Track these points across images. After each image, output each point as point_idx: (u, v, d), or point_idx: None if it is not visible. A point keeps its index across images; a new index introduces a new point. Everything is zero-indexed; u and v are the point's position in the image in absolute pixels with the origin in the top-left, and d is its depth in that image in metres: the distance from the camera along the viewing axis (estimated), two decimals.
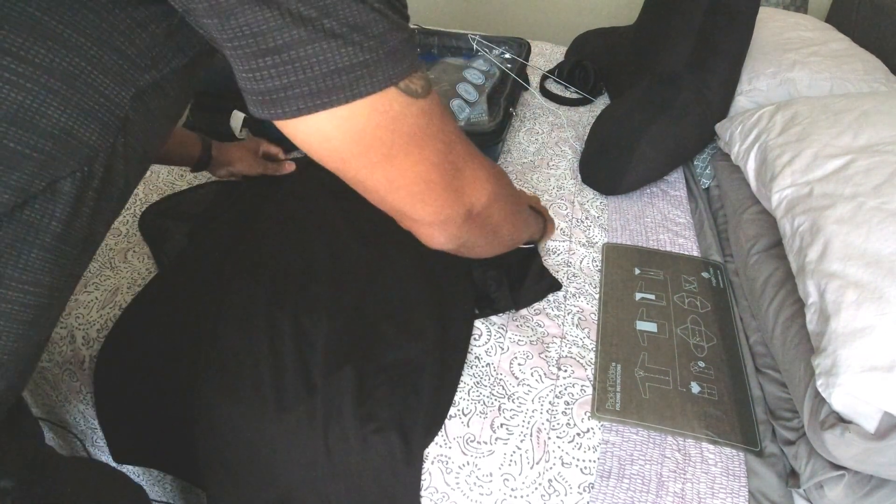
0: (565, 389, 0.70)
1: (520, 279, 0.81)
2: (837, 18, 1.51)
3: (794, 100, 0.97)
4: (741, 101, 1.12)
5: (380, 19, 0.33)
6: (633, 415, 0.67)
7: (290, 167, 0.98)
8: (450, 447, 0.64)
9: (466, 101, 1.11)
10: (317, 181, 0.97)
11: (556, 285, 0.83)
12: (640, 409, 0.68)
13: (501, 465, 0.63)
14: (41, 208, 0.35)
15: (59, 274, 0.38)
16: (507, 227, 0.56)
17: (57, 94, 0.33)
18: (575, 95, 1.38)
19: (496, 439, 0.65)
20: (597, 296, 0.83)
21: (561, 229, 0.96)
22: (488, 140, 1.00)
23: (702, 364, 0.74)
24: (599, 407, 0.68)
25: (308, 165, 1.02)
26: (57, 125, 0.33)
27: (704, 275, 0.88)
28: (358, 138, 0.36)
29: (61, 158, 0.34)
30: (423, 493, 0.63)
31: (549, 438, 0.65)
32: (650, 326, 0.78)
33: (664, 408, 0.68)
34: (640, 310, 0.81)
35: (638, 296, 0.83)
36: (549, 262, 0.88)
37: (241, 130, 1.04)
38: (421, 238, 0.46)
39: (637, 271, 0.87)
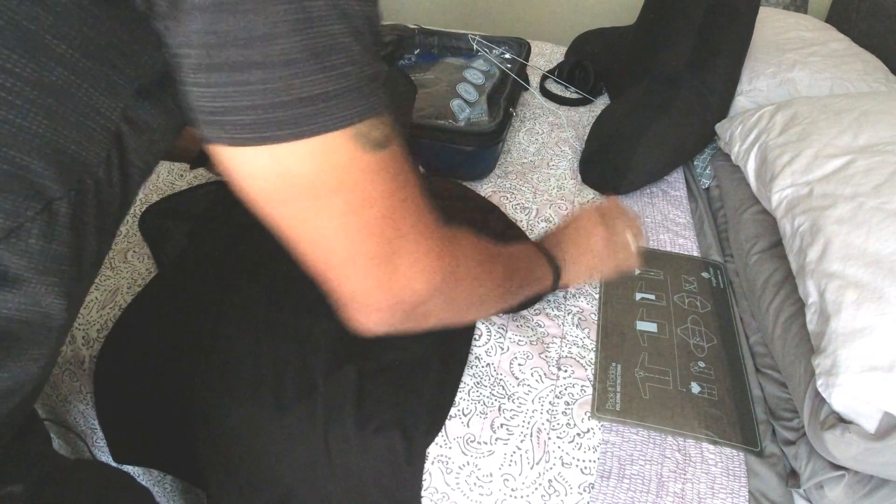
0: (565, 390, 0.70)
1: None
2: (837, 18, 1.51)
3: (794, 100, 0.98)
4: (741, 101, 1.12)
5: (352, 45, 0.29)
6: (633, 415, 0.67)
7: None
8: (450, 447, 0.64)
9: (466, 101, 1.11)
10: None
11: None
12: (641, 409, 0.68)
13: (501, 465, 0.63)
14: (39, 232, 0.33)
15: (66, 294, 0.36)
16: (468, 313, 0.49)
17: (47, 109, 0.31)
18: (575, 95, 1.38)
19: (496, 439, 0.65)
20: (597, 296, 0.83)
21: None
22: (488, 140, 1.00)
23: (702, 364, 0.74)
24: (600, 407, 0.68)
25: None
26: (48, 142, 0.31)
27: (704, 275, 0.88)
28: (290, 182, 0.31)
29: (54, 177, 0.32)
30: (423, 493, 0.63)
31: (550, 439, 0.65)
32: (650, 326, 0.78)
33: (664, 408, 0.68)
34: (640, 310, 0.81)
35: (638, 296, 0.83)
36: None
37: None
38: (340, 315, 0.38)
39: (637, 271, 0.87)
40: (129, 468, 0.78)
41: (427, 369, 0.69)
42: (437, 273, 0.39)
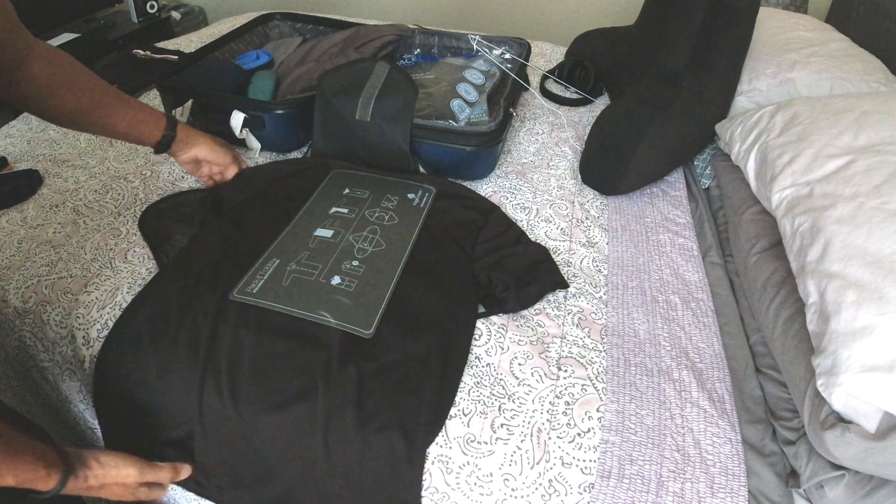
0: (565, 389, 0.70)
1: (528, 279, 0.81)
2: (837, 18, 1.51)
3: (794, 100, 0.98)
4: (741, 101, 1.12)
5: None
6: (266, 297, 0.74)
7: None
8: (450, 447, 0.64)
9: (466, 101, 1.11)
10: (316, 183, 0.97)
11: (562, 283, 0.83)
12: (275, 293, 0.75)
13: (502, 465, 0.63)
14: None
15: None
16: None
17: None
18: (575, 95, 1.38)
19: (496, 439, 0.65)
20: (598, 296, 0.83)
21: (561, 229, 0.96)
22: (488, 140, 1.00)
23: (355, 263, 0.81)
24: (241, 290, 0.75)
25: (308, 169, 1.02)
26: None
27: (410, 195, 0.95)
28: None
29: None
30: (423, 493, 0.63)
31: (550, 438, 0.65)
32: (326, 233, 0.86)
33: (296, 294, 0.75)
34: (326, 220, 0.89)
35: (332, 209, 0.91)
36: None
37: (241, 130, 1.04)
38: None
39: (346, 191, 0.95)
40: None
41: (427, 369, 0.69)
42: None
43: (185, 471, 0.65)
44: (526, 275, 0.82)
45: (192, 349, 0.69)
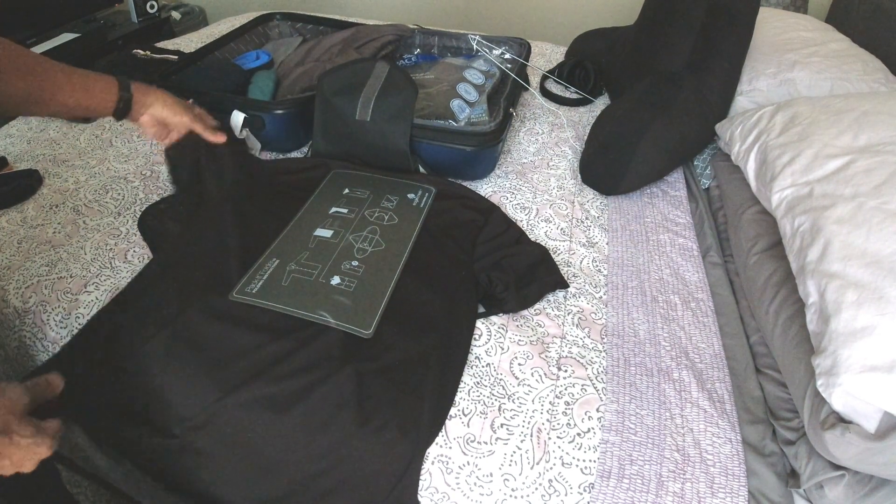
0: (565, 389, 0.70)
1: (528, 279, 0.81)
2: (837, 18, 1.51)
3: (795, 100, 0.98)
4: (741, 101, 1.12)
5: None
6: (266, 297, 0.74)
7: (220, 138, 0.85)
8: (450, 447, 0.64)
9: (466, 101, 1.11)
10: (315, 183, 0.97)
11: (562, 283, 0.83)
12: (275, 293, 0.74)
13: (502, 465, 0.63)
14: None
15: None
16: None
17: None
18: (575, 96, 1.38)
19: (496, 439, 0.65)
20: (598, 296, 0.83)
21: (561, 229, 0.96)
22: (488, 140, 1.00)
23: (355, 263, 0.81)
24: (240, 290, 0.74)
25: (308, 169, 1.02)
26: None
27: (410, 195, 0.94)
28: None
29: None
30: (423, 493, 0.63)
31: (550, 438, 0.65)
32: (326, 233, 0.86)
33: (296, 293, 0.75)
34: (326, 220, 0.88)
35: (332, 209, 0.91)
36: None
37: (241, 130, 1.04)
38: None
39: (346, 191, 0.95)
40: None
41: (427, 369, 0.68)
42: None
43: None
44: (526, 275, 0.82)
45: (193, 349, 0.69)
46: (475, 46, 1.36)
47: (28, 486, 0.51)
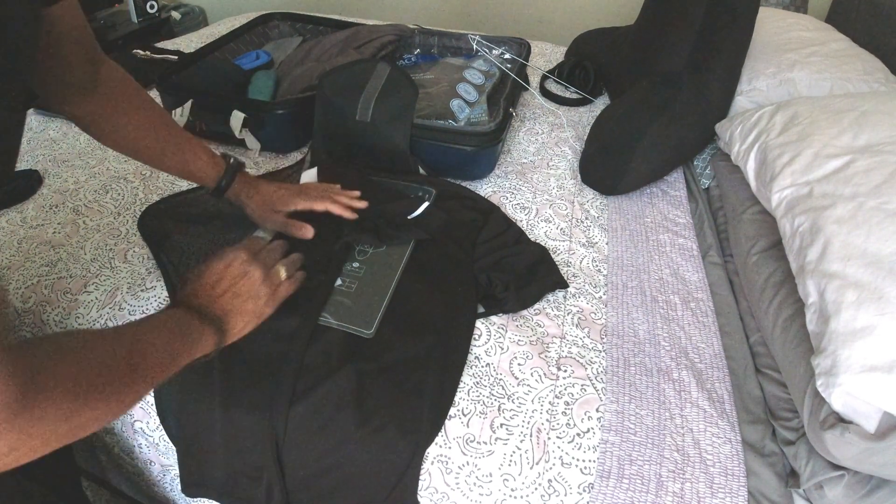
0: (565, 389, 0.70)
1: (527, 279, 0.81)
2: (837, 18, 1.51)
3: (794, 100, 0.98)
4: (741, 101, 1.12)
5: None
6: None
7: (308, 233, 0.81)
8: (449, 447, 0.64)
9: (466, 101, 1.11)
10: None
11: (562, 283, 0.83)
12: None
13: (501, 465, 0.63)
14: None
15: None
16: (67, 438, 0.40)
17: None
18: (575, 96, 1.38)
19: (496, 439, 0.65)
20: (597, 296, 0.83)
21: (561, 229, 0.96)
22: (488, 140, 1.00)
23: (356, 265, 0.82)
24: None
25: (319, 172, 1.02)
26: None
27: (411, 197, 0.94)
28: None
29: None
30: (422, 493, 0.63)
31: (549, 438, 0.65)
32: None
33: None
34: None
35: None
36: None
37: (240, 130, 1.04)
38: None
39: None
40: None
41: (427, 369, 0.69)
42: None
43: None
44: (525, 275, 0.82)
45: None
46: (475, 46, 1.36)
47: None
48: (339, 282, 0.78)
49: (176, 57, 1.43)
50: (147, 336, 0.48)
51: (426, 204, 0.90)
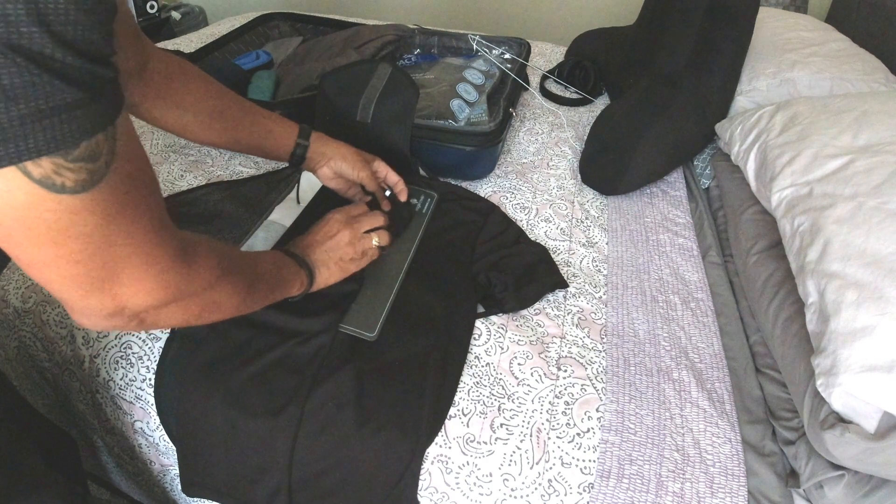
0: (565, 389, 0.70)
1: (527, 279, 0.81)
2: (837, 18, 1.51)
3: (794, 100, 0.98)
4: (741, 101, 1.12)
5: (19, 74, 0.26)
6: None
7: (386, 206, 0.87)
8: (449, 447, 0.64)
9: (466, 101, 1.11)
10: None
11: (562, 283, 0.83)
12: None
13: (501, 465, 0.63)
14: None
15: None
16: (205, 317, 0.49)
17: None
18: (575, 95, 1.38)
19: (496, 439, 0.65)
20: (597, 296, 0.83)
21: (561, 229, 0.96)
22: (488, 140, 1.00)
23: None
24: None
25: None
26: None
27: (413, 200, 0.94)
28: None
29: None
30: (422, 493, 0.63)
31: (549, 438, 0.65)
32: None
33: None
34: None
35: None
36: None
37: None
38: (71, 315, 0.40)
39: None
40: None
41: (427, 369, 0.69)
42: (164, 288, 0.40)
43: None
44: (525, 275, 0.82)
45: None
46: (475, 46, 1.36)
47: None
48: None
49: None
50: (262, 262, 0.58)
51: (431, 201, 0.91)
